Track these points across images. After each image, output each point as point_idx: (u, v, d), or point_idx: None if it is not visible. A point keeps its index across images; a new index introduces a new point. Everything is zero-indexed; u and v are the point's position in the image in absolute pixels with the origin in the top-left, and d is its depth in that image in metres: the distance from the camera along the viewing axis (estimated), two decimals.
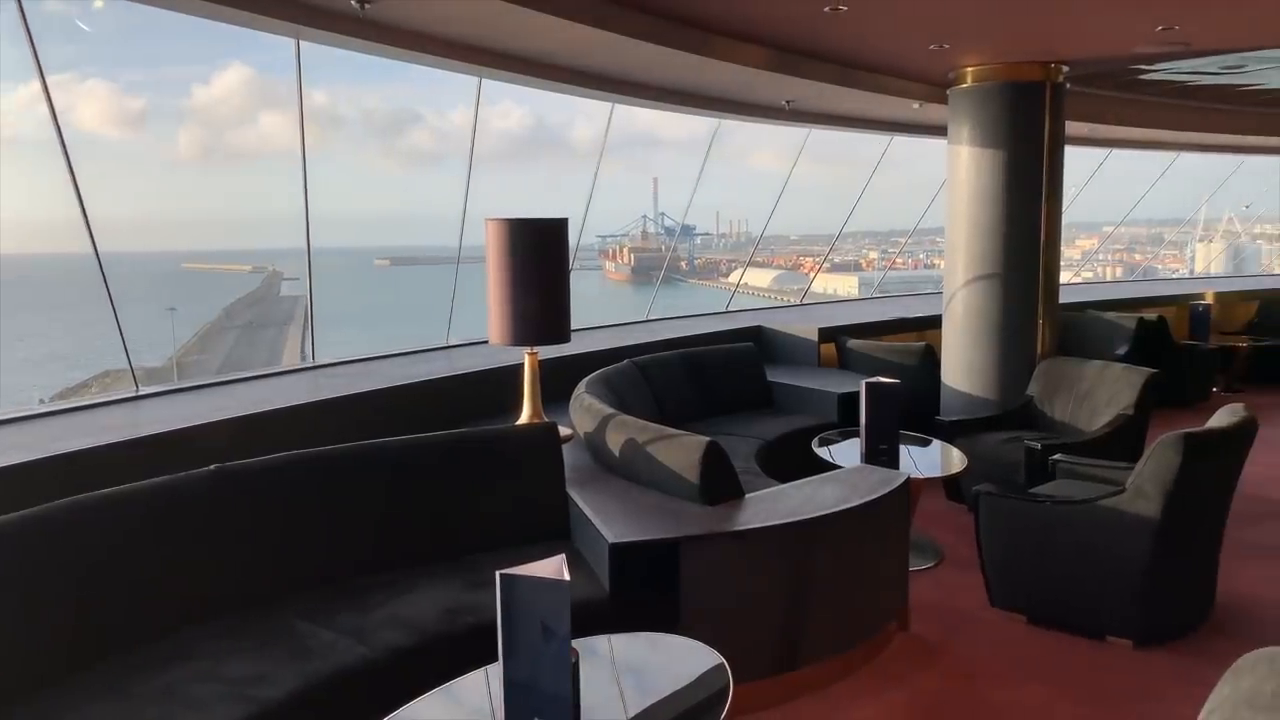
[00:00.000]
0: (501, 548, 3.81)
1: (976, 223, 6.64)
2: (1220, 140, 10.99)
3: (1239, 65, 7.40)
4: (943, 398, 6.96)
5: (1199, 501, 4.02)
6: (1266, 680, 1.97)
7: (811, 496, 3.88)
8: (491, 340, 4.42)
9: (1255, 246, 22.62)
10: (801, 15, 5.08)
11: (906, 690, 3.75)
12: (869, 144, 10.34)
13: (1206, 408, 4.58)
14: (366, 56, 5.39)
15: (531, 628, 2.36)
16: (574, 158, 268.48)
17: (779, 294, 29.86)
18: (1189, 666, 3.86)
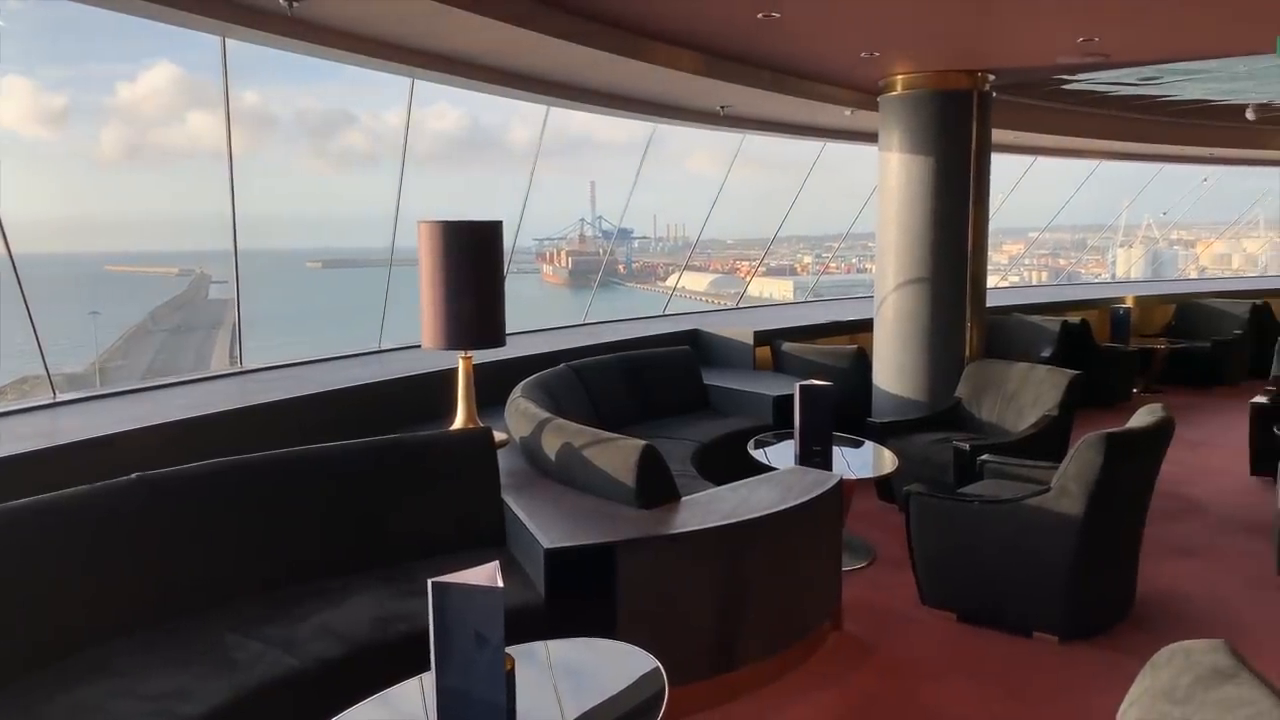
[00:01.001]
0: (435, 555, 3.76)
1: (906, 228, 6.76)
2: (1139, 149, 11.36)
3: (1155, 77, 7.67)
4: (874, 399, 7.07)
5: (1120, 500, 4.14)
6: (1182, 674, 2.03)
7: (746, 498, 3.91)
8: (424, 344, 4.37)
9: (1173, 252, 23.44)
10: (735, 21, 5.12)
11: (840, 689, 3.80)
12: (804, 149, 10.49)
13: (1127, 408, 4.73)
14: (300, 56, 5.29)
15: (464, 636, 2.34)
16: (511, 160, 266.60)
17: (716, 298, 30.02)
18: (1111, 661, 3.97)
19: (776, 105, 7.54)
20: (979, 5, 4.80)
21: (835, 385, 5.20)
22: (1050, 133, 9.46)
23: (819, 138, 9.63)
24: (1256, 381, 8.39)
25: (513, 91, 6.43)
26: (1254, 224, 21.33)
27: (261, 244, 62.76)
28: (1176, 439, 4.45)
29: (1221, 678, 1.93)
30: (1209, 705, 1.88)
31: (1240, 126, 10.25)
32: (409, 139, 6.79)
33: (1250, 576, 4.93)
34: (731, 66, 6.12)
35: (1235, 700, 1.83)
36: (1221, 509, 6.06)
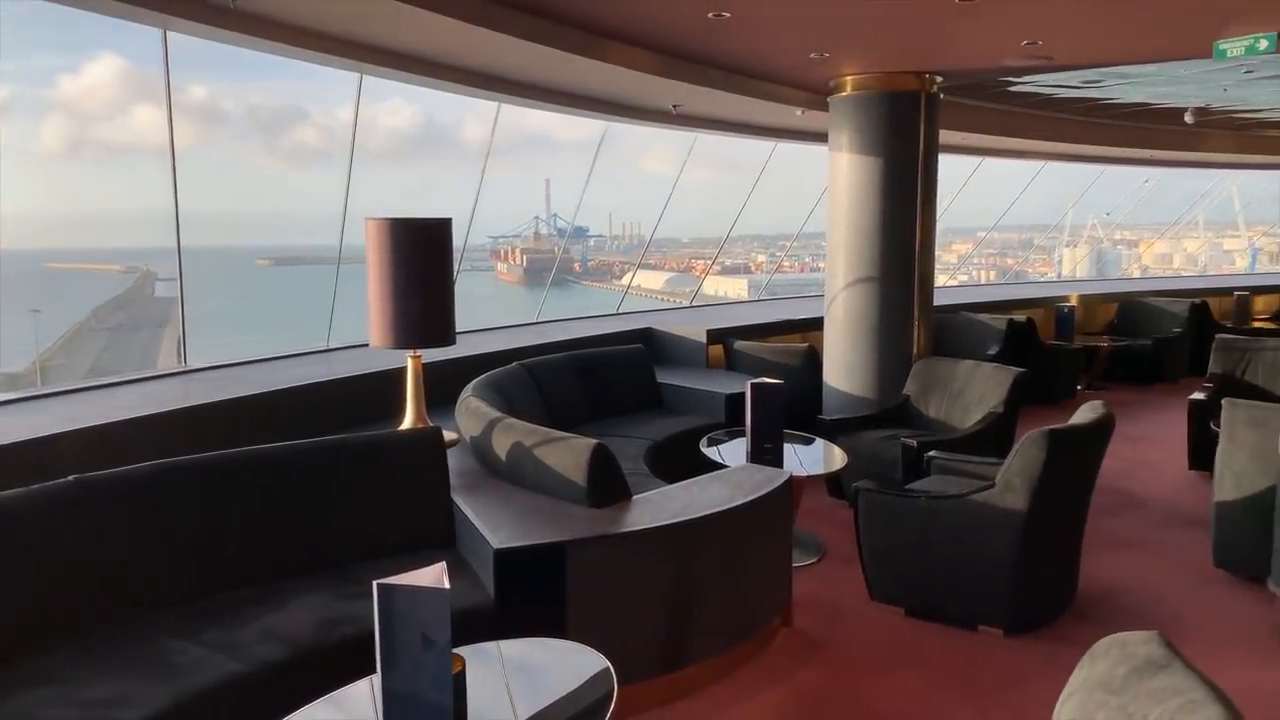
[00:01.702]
0: (383, 556, 3.73)
1: (856, 227, 6.83)
2: (1082, 150, 11.60)
3: (1098, 80, 7.83)
4: (825, 397, 7.14)
5: (1063, 495, 4.22)
6: (1119, 664, 2.08)
7: (698, 496, 3.92)
8: (372, 343, 4.32)
9: (1116, 251, 23.98)
10: (687, 21, 5.13)
11: (790, 685, 3.83)
12: (758, 149, 10.55)
13: (1071, 405, 4.83)
14: (251, 51, 5.21)
15: (411, 637, 2.32)
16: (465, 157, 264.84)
17: (671, 296, 30.11)
18: (1054, 652, 4.05)
19: (728, 104, 7.58)
20: (926, 7, 4.86)
21: (786, 383, 5.23)
22: (997, 134, 9.62)
23: (771, 137, 9.70)
24: (1195, 378, 8.61)
25: (465, 89, 6.39)
26: (1193, 224, 21.90)
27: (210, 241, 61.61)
28: (1118, 435, 4.55)
29: (1155, 668, 1.98)
30: (1143, 695, 1.92)
31: (1179, 129, 10.52)
32: (361, 136, 6.74)
33: (1188, 568, 5.06)
34: (683, 65, 6.14)
35: (1168, 689, 1.87)
36: (1161, 503, 6.21)
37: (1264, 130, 11.24)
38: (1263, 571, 4.40)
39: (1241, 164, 14.22)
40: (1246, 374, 6.90)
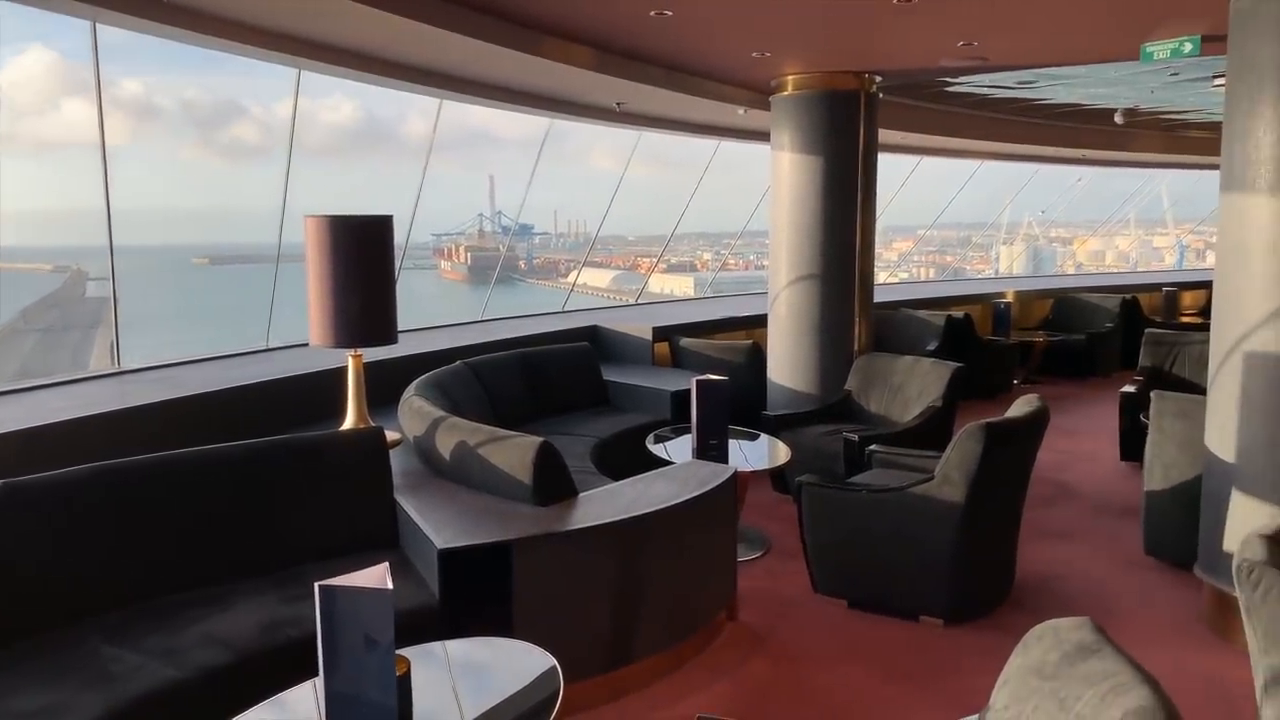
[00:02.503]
0: (326, 558, 3.68)
1: (798, 226, 6.91)
2: (1017, 149, 11.84)
3: (1031, 81, 8.01)
4: (769, 393, 7.21)
5: (1000, 486, 4.32)
6: (1051, 651, 2.14)
7: (643, 493, 3.94)
8: (312, 342, 4.26)
9: (1052, 249, 24.54)
10: (629, 18, 5.14)
11: (735, 678, 3.87)
12: (705, 147, 10.61)
13: (1008, 398, 4.94)
14: (186, 45, 5.10)
15: (354, 639, 2.30)
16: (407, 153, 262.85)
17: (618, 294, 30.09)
18: (993, 641, 4.14)
19: (671, 103, 7.61)
20: (864, 8, 4.93)
21: (731, 380, 5.28)
22: (935, 133, 9.79)
23: (714, 136, 9.75)
24: (1127, 372, 8.84)
25: (405, 84, 6.32)
26: (1125, 222, 22.50)
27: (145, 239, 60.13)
28: (1053, 427, 4.67)
29: (1086, 652, 2.03)
30: (1075, 679, 1.98)
31: (1110, 130, 10.81)
32: (300, 131, 6.63)
33: (1120, 556, 5.21)
34: (626, 63, 6.15)
35: (1099, 673, 1.93)
36: (1094, 493, 6.39)
37: (1190, 131, 11.59)
38: (1190, 558, 4.54)
39: (1169, 164, 14.65)
40: (1174, 367, 7.12)
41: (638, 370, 7.48)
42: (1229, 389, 4.10)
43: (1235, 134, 4.04)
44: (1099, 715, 1.78)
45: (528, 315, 9.00)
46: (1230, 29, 4.10)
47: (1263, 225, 3.91)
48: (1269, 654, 2.49)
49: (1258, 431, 3.98)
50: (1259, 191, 3.91)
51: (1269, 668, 2.50)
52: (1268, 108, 3.87)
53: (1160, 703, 1.71)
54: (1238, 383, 4.04)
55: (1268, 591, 2.46)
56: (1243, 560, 2.53)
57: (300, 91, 6.39)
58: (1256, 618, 2.51)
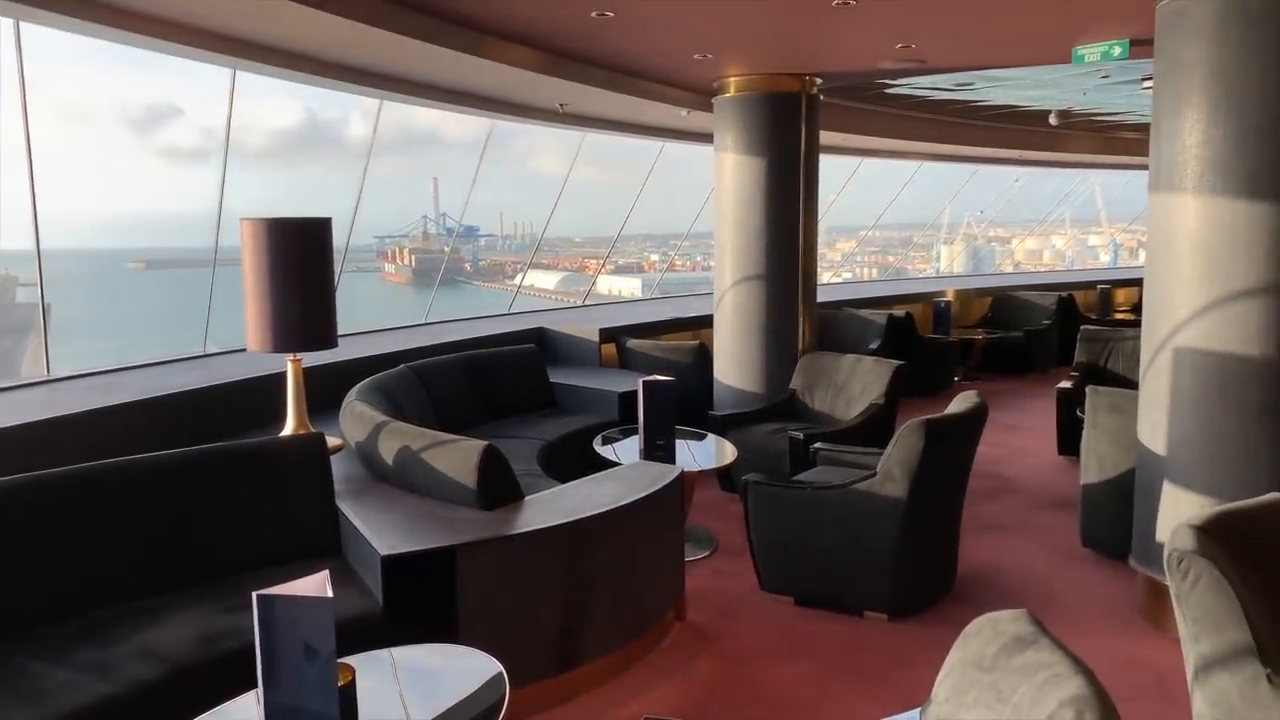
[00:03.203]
0: (266, 567, 3.60)
1: (742, 227, 6.95)
2: (955, 150, 12.06)
3: (969, 83, 8.16)
4: (716, 393, 7.24)
5: (940, 481, 4.39)
6: (989, 643, 2.17)
7: (590, 495, 3.93)
8: (250, 347, 4.18)
9: (991, 248, 25.01)
10: (570, 19, 5.12)
11: (683, 678, 3.88)
12: (651, 149, 10.61)
13: (948, 395, 5.02)
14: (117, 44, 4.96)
15: (294, 648, 2.27)
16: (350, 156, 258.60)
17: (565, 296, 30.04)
18: (935, 635, 4.20)
19: (615, 104, 7.60)
20: (803, 10, 4.98)
21: (678, 380, 5.29)
22: (875, 135, 9.92)
23: (658, 137, 9.78)
24: (1063, 368, 9.05)
25: (344, 85, 6.23)
26: (1061, 222, 23.05)
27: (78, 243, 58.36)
28: (993, 423, 4.75)
29: (1023, 644, 2.07)
30: (1012, 671, 2.01)
31: (1045, 131, 11.06)
32: (240, 133, 6.52)
33: (1058, 548, 5.32)
34: (568, 64, 6.13)
35: (1035, 664, 1.97)
36: (1033, 487, 6.52)
37: (1122, 132, 11.90)
38: (1124, 549, 4.65)
39: (1103, 164, 15.04)
40: (1109, 363, 7.30)
41: (585, 372, 7.46)
42: (1160, 384, 4.21)
43: (1162, 134, 4.15)
44: (1035, 706, 1.81)
45: (473, 318, 8.93)
46: (1157, 32, 4.22)
47: (1189, 224, 4.02)
48: (1199, 641, 2.57)
49: (1187, 425, 4.10)
50: (1185, 191, 4.02)
51: (1199, 655, 2.57)
52: (1193, 109, 3.98)
53: (1094, 692, 1.75)
54: (1168, 377, 4.16)
55: (1197, 580, 2.53)
56: (1173, 550, 2.60)
57: (239, 93, 6.28)
58: (1186, 606, 2.58)
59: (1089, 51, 5.73)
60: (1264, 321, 3.87)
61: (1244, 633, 2.44)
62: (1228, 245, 3.91)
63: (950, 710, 2.13)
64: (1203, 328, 4.00)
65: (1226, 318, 3.93)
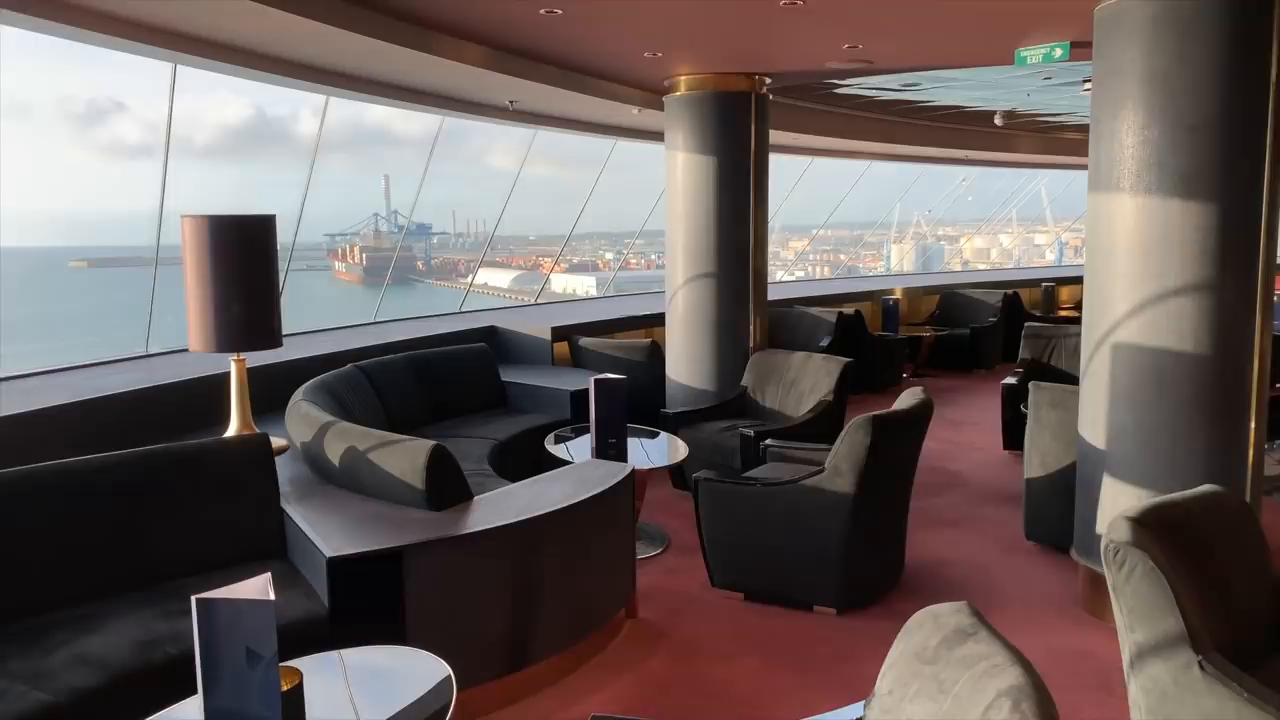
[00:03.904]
0: (209, 571, 3.54)
1: (693, 225, 6.98)
2: (905, 150, 12.22)
3: (915, 84, 8.27)
4: (668, 391, 7.26)
5: (888, 476, 4.44)
6: (931, 635, 2.20)
7: (540, 494, 3.92)
8: (192, 347, 4.11)
9: (939, 246, 25.40)
10: (519, 16, 5.10)
11: (634, 675, 3.88)
12: (602, 145, 10.60)
13: (897, 391, 5.08)
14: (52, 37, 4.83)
15: (235, 653, 2.23)
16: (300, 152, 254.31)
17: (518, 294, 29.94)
18: (882, 628, 4.25)
19: (565, 102, 7.58)
20: (751, 9, 5.00)
21: (631, 378, 5.30)
22: (825, 134, 10.01)
23: (610, 135, 9.77)
24: (1008, 364, 9.20)
25: (289, 81, 6.13)
26: (1008, 220, 23.47)
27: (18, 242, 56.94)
28: (940, 418, 4.82)
29: (963, 636, 2.10)
30: (953, 662, 2.05)
31: (990, 131, 11.24)
32: (186, 129, 6.45)
33: (1003, 541, 5.42)
34: (517, 61, 6.10)
35: (975, 656, 2.00)
36: (979, 481, 6.63)
37: (1065, 133, 12.14)
38: (1066, 542, 4.75)
39: (1047, 164, 15.34)
40: (1052, 359, 7.45)
41: (537, 371, 7.44)
42: (1099, 379, 4.31)
43: (1101, 136, 4.25)
44: (974, 696, 1.85)
45: (423, 317, 8.86)
46: (1095, 35, 4.31)
47: (1127, 223, 4.11)
48: (1135, 631, 2.63)
49: (1125, 419, 4.19)
50: (1122, 191, 4.11)
51: (1135, 644, 2.64)
52: (1129, 111, 4.08)
53: (1031, 682, 1.79)
54: (1107, 373, 4.25)
55: (1132, 571, 2.59)
56: (1109, 542, 2.66)
57: (184, 88, 6.16)
58: (1122, 596, 2.64)
59: (1031, 54, 5.84)
60: (1197, 318, 3.98)
61: (1177, 621, 2.51)
62: (1162, 243, 4.02)
63: (893, 702, 2.16)
64: (1139, 324, 4.10)
65: (1161, 314, 4.04)
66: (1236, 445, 4.12)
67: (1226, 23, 3.86)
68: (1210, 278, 3.96)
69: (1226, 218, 3.94)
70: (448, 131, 9.20)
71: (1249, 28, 3.88)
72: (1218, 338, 3.99)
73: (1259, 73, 3.91)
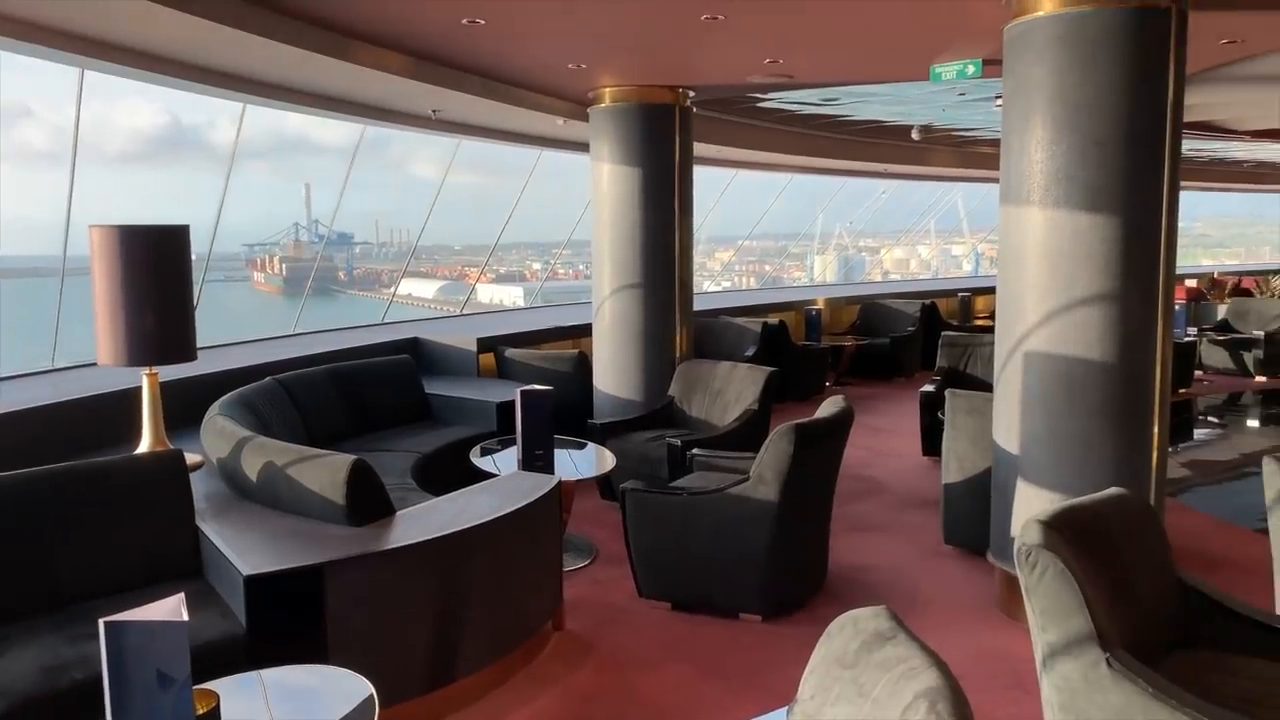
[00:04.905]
0: (121, 593, 3.43)
1: (619, 236, 7.00)
2: (826, 164, 12.45)
3: (835, 98, 8.44)
4: (595, 401, 7.26)
5: (810, 483, 4.51)
6: (851, 640, 2.24)
7: (465, 508, 3.88)
8: (101, 360, 3.96)
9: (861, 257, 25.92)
10: (441, 25, 5.07)
11: (560, 688, 3.86)
12: (529, 155, 10.57)
13: (819, 400, 5.16)
14: None
15: (146, 677, 2.16)
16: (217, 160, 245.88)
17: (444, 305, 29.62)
18: (807, 634, 4.27)
19: (489, 111, 7.55)
20: (673, 23, 5.05)
21: (558, 389, 5.28)
22: (748, 147, 10.14)
23: (535, 145, 9.75)
24: (927, 372, 9.42)
25: (203, 88, 5.98)
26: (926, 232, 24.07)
27: None
28: (861, 426, 4.91)
29: (882, 640, 2.15)
30: (872, 666, 2.08)
31: (908, 145, 11.53)
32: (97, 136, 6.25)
33: (923, 546, 5.54)
34: (440, 71, 6.05)
35: (893, 659, 2.04)
36: (899, 487, 6.77)
37: (978, 147, 12.52)
38: (984, 545, 4.87)
39: (962, 177, 15.79)
40: (968, 367, 7.64)
41: (462, 383, 7.36)
42: (1012, 386, 4.44)
43: (1011, 150, 4.39)
44: (892, 699, 1.88)
45: (345, 328, 8.71)
46: (1005, 53, 4.45)
47: (1036, 235, 4.25)
48: (1046, 630, 2.71)
49: (1037, 425, 4.33)
50: (1032, 203, 4.26)
51: (1046, 643, 2.72)
52: (1038, 126, 4.22)
53: (947, 683, 1.83)
54: (1019, 380, 4.38)
55: (1044, 572, 2.67)
56: (1022, 545, 2.74)
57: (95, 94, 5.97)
58: (1035, 597, 2.72)
59: (946, 70, 6.01)
60: (1103, 326, 4.13)
61: (1086, 620, 2.59)
62: (1070, 255, 4.16)
63: (815, 707, 2.19)
64: (1049, 333, 4.24)
65: (1070, 323, 4.18)
66: (1141, 449, 4.28)
67: (1128, 43, 4.03)
68: (1115, 288, 4.11)
69: (1130, 230, 4.10)
70: (370, 140, 9.09)
71: (1149, 49, 4.05)
72: (1123, 346, 4.14)
73: (1158, 92, 4.09)
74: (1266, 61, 6.29)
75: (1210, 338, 11.59)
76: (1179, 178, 4.26)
